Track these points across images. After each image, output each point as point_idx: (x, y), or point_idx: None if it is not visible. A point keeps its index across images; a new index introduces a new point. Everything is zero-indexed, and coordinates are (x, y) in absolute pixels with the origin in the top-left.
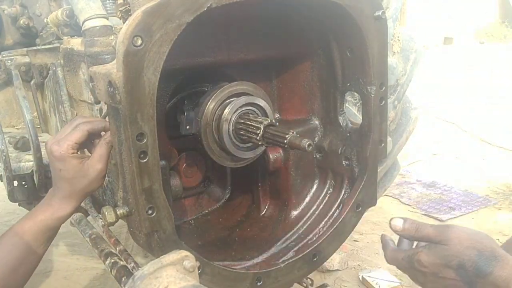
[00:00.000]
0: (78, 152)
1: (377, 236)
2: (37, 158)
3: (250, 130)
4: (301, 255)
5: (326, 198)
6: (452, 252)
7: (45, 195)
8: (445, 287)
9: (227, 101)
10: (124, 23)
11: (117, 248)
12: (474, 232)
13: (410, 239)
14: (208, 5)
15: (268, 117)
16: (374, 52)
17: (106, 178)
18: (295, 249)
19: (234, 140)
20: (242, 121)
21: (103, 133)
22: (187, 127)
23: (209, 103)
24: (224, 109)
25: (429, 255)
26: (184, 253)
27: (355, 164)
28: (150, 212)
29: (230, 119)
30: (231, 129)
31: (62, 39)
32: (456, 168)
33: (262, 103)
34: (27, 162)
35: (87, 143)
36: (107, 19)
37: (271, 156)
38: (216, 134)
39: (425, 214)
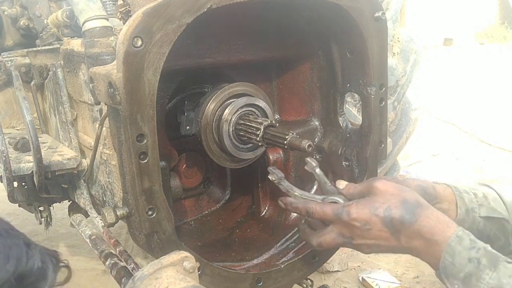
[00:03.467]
0: None
1: None
2: (37, 159)
3: (250, 131)
4: (301, 256)
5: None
6: (379, 200)
7: (45, 196)
8: (371, 239)
9: (228, 101)
10: (124, 24)
11: (117, 249)
12: (399, 184)
13: (348, 197)
14: (208, 6)
15: (268, 118)
16: (374, 53)
17: (107, 178)
18: (295, 250)
19: (234, 140)
20: (242, 122)
21: None
22: (187, 127)
23: (209, 104)
24: (225, 110)
25: (358, 207)
26: (184, 253)
27: (355, 165)
28: (150, 213)
29: (230, 119)
30: (231, 129)
31: (62, 40)
32: (456, 169)
33: (262, 104)
34: (27, 163)
35: None
36: (107, 20)
37: (271, 157)
38: (216, 135)
39: None
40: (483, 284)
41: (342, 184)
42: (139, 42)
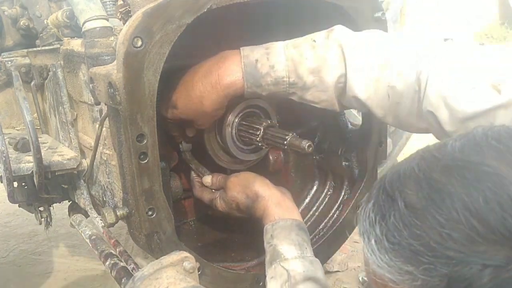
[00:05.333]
0: None
1: None
2: (37, 159)
3: (250, 131)
4: None
5: (326, 199)
6: (230, 198)
7: (45, 196)
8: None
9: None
10: (124, 24)
11: (117, 249)
12: (245, 178)
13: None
14: (208, 7)
15: (271, 119)
16: None
17: (107, 179)
18: None
19: (237, 143)
20: (243, 123)
21: None
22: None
23: None
24: (226, 113)
25: (220, 201)
26: (184, 254)
27: (355, 165)
28: (150, 213)
29: (233, 122)
30: (234, 132)
31: (62, 40)
32: None
33: (264, 105)
34: (27, 163)
35: None
36: (107, 20)
37: (271, 157)
38: (219, 138)
39: None
40: (266, 276)
41: (207, 180)
42: (139, 43)
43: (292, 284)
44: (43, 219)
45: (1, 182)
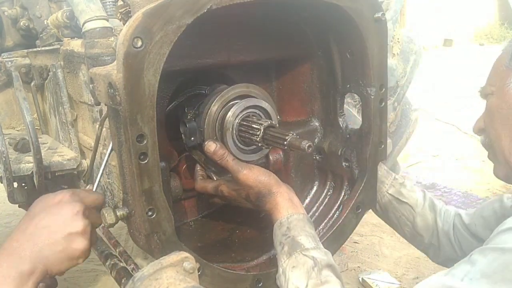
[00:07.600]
0: None
1: (377, 238)
2: (37, 159)
3: (250, 132)
4: None
5: (326, 200)
6: (241, 188)
7: None
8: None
9: (229, 104)
10: (124, 24)
11: (117, 250)
12: (261, 174)
13: (216, 161)
14: (208, 7)
15: (272, 119)
16: (374, 54)
17: (106, 179)
18: None
19: (238, 144)
20: (244, 123)
21: None
22: (192, 138)
23: (209, 110)
24: (226, 114)
25: (228, 188)
26: (184, 254)
27: (355, 166)
28: (150, 213)
29: (233, 125)
30: (234, 133)
31: (62, 41)
32: (456, 169)
33: (264, 105)
34: (27, 163)
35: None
36: (107, 20)
37: (271, 158)
38: (220, 139)
39: None
40: (281, 267)
41: (210, 146)
42: (139, 43)
43: (319, 269)
44: None
45: (1, 182)
